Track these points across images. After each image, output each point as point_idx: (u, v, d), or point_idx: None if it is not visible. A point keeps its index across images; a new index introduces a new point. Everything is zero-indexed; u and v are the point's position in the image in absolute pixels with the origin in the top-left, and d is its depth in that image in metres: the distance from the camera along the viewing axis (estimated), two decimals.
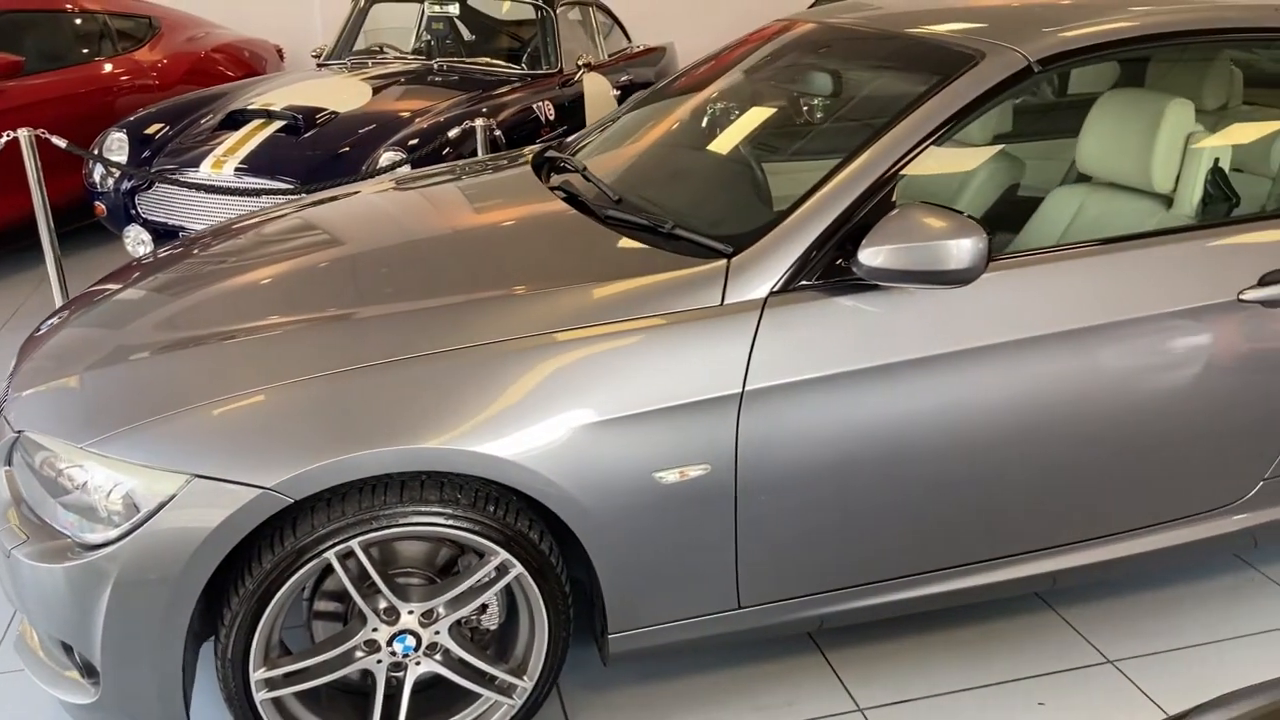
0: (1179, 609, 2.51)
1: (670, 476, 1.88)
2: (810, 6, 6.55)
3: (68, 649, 1.89)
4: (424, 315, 1.94)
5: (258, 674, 1.82)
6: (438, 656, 1.94)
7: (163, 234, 4.31)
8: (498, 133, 4.42)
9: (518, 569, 1.89)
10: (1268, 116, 2.78)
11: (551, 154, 2.88)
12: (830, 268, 1.97)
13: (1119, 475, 2.19)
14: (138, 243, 4.38)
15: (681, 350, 1.89)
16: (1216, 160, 2.37)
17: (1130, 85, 2.79)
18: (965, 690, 2.24)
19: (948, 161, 2.87)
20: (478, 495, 1.85)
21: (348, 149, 4.23)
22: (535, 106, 5.07)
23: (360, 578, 1.86)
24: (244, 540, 1.77)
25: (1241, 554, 2.70)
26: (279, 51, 7.23)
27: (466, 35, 6.13)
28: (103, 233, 5.08)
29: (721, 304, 1.94)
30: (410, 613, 1.89)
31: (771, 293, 1.95)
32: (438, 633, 1.92)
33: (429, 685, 2.01)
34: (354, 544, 1.79)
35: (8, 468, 1.95)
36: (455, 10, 5.81)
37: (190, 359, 1.92)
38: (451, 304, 1.96)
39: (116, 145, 4.53)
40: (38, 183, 4.05)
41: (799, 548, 2.03)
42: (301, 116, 4.37)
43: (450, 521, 1.82)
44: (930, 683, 2.27)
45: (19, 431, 1.91)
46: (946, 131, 2.05)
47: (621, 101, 5.32)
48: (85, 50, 5.71)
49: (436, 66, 5.46)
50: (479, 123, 4.11)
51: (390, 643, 1.90)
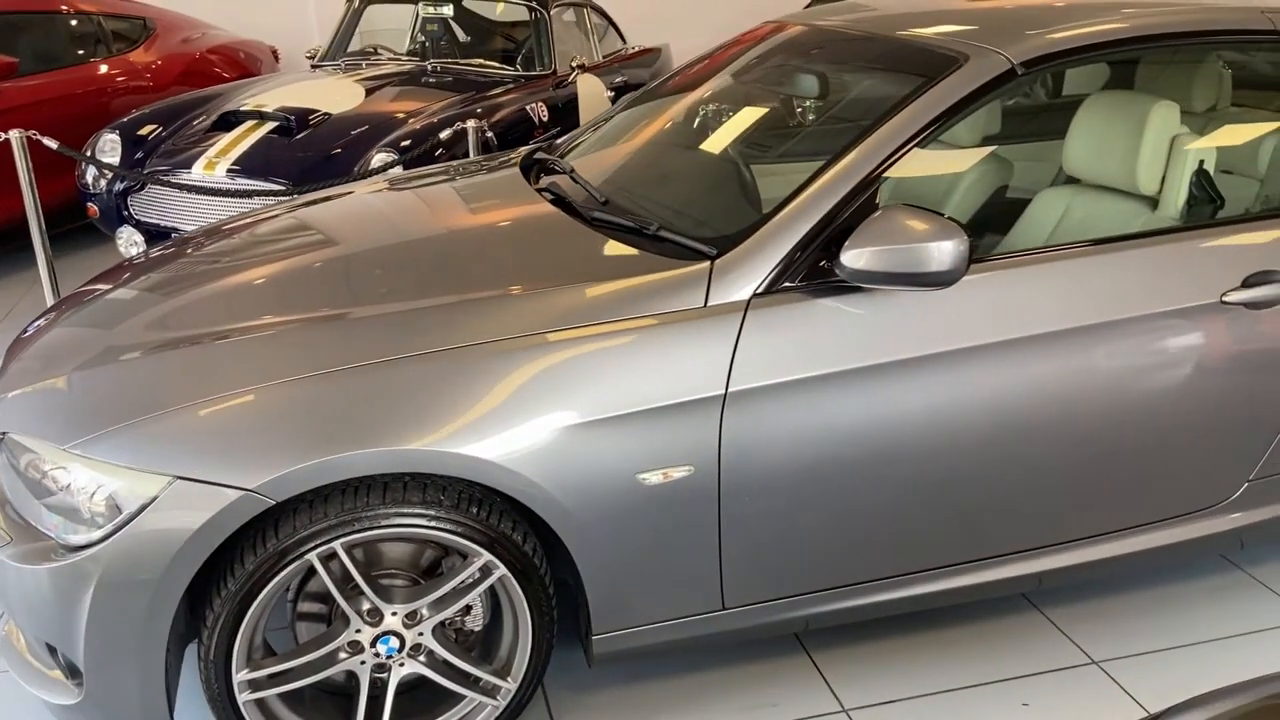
0: (1165, 610, 2.51)
1: (653, 478, 1.89)
2: (806, 7, 6.55)
3: (52, 650, 1.89)
4: (407, 317, 1.94)
5: (240, 675, 1.83)
6: (421, 658, 1.94)
7: (155, 235, 4.32)
8: (490, 134, 4.42)
9: (501, 570, 1.89)
10: (1256, 118, 2.78)
11: (540, 156, 2.88)
12: (814, 269, 1.98)
13: (1103, 476, 2.19)
14: (130, 244, 4.38)
15: (665, 352, 1.89)
16: (1201, 162, 2.38)
17: (1121, 87, 2.79)
18: (950, 691, 2.24)
19: (937, 163, 2.87)
20: (460, 497, 1.86)
21: (340, 150, 4.23)
22: (529, 108, 5.07)
23: (343, 579, 1.86)
24: (227, 541, 1.77)
25: (1228, 555, 2.70)
26: (274, 53, 7.24)
27: (461, 37, 6.13)
28: (96, 234, 5.08)
29: (705, 305, 1.94)
30: (394, 614, 1.89)
31: (755, 294, 1.95)
32: (421, 634, 1.92)
33: (414, 686, 2.02)
34: (337, 545, 1.79)
35: None
36: (449, 12, 5.81)
37: (179, 359, 1.92)
38: (434, 306, 1.96)
39: (109, 146, 4.53)
40: (29, 184, 4.06)
41: (783, 549, 2.04)
42: (294, 118, 4.38)
43: (433, 523, 1.82)
44: (915, 683, 2.27)
45: (3, 433, 1.92)
46: (930, 134, 2.05)
47: (616, 103, 5.32)
48: (80, 51, 5.71)
49: (430, 68, 5.47)
50: (471, 124, 4.12)
51: (374, 644, 1.90)
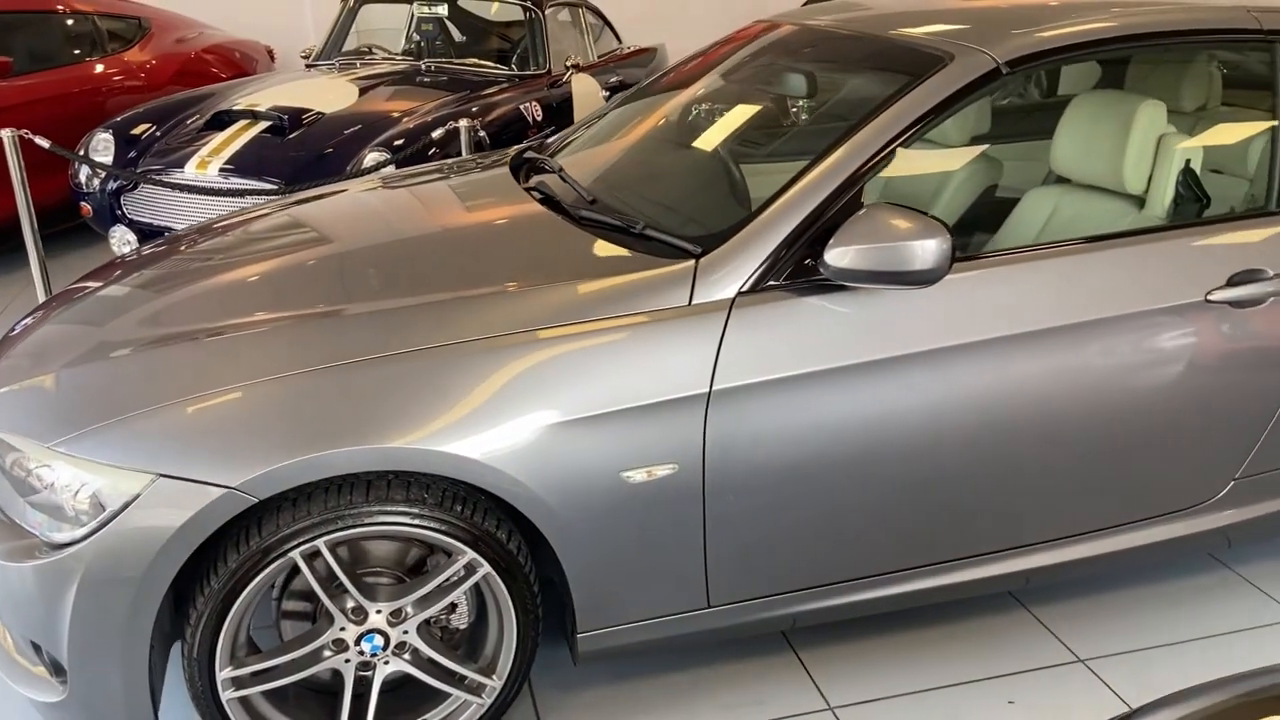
0: (1152, 608, 2.52)
1: (638, 476, 1.89)
2: (803, 5, 6.54)
3: (37, 648, 1.89)
4: (391, 316, 1.94)
5: (224, 673, 1.83)
6: (406, 656, 1.95)
7: (148, 234, 4.31)
8: (482, 133, 4.42)
9: (485, 568, 1.90)
10: (1245, 118, 2.78)
11: (530, 155, 2.88)
12: (799, 268, 1.98)
13: (1090, 474, 2.19)
14: (123, 243, 4.38)
15: (649, 350, 1.89)
16: (1188, 161, 2.38)
17: (1112, 87, 2.79)
18: (936, 689, 2.25)
19: (928, 163, 2.88)
20: (445, 495, 1.86)
21: (332, 149, 4.23)
22: (523, 107, 5.07)
23: (328, 577, 1.86)
24: (211, 539, 1.77)
25: (1215, 553, 2.71)
26: (270, 52, 7.24)
27: (456, 36, 6.13)
28: (89, 234, 5.08)
29: (689, 304, 1.94)
30: (378, 612, 1.90)
31: (740, 293, 1.96)
32: (406, 632, 1.92)
33: (399, 685, 2.02)
34: (320, 544, 1.79)
35: None
36: (444, 11, 5.81)
37: (166, 357, 1.92)
38: (418, 304, 1.96)
39: (102, 146, 4.53)
40: (21, 183, 4.06)
41: (768, 547, 2.04)
42: (287, 117, 4.38)
43: (416, 521, 1.83)
44: (902, 681, 2.27)
45: None
46: (915, 132, 2.05)
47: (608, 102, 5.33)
48: (74, 51, 5.71)
49: (424, 67, 5.46)
50: (463, 123, 4.12)
51: (358, 642, 1.90)
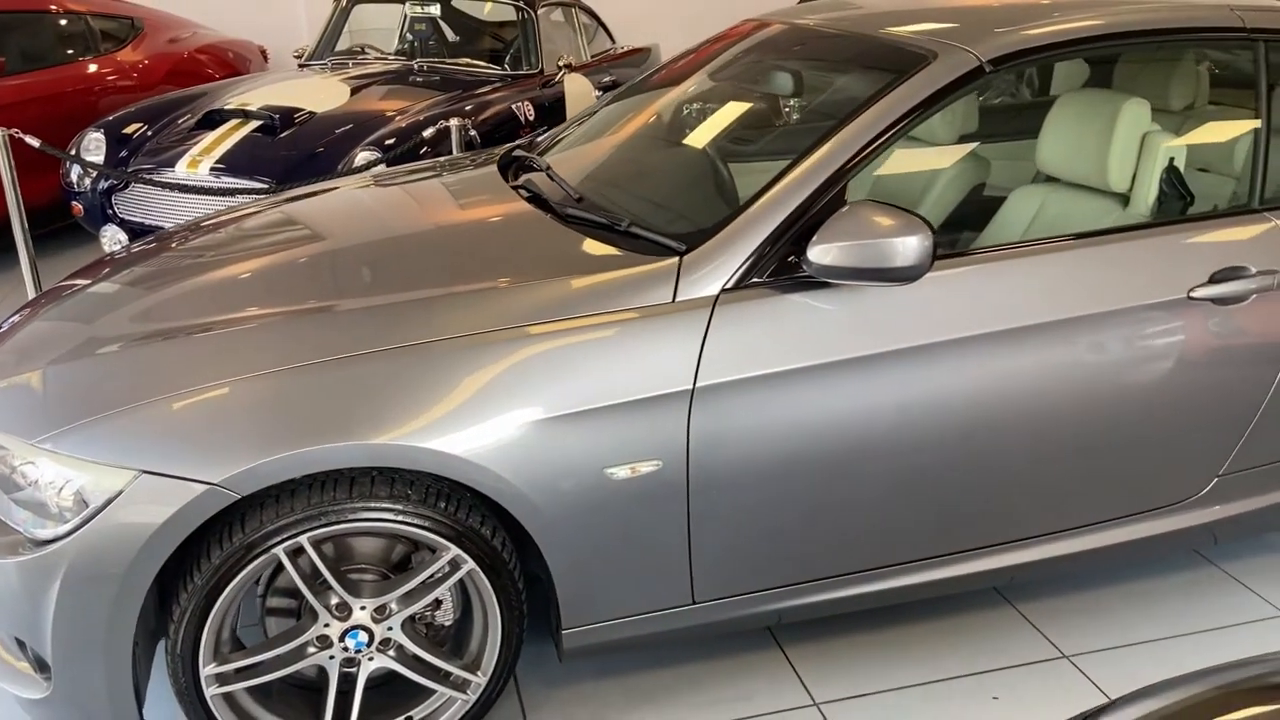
0: (1137, 604, 2.52)
1: (621, 472, 1.90)
2: (798, 4, 6.54)
3: (21, 644, 1.89)
4: (375, 313, 1.95)
5: (208, 669, 1.83)
6: (391, 652, 1.95)
7: (139, 234, 4.32)
8: (473, 132, 4.43)
9: (469, 565, 1.90)
10: (1232, 117, 2.80)
11: (519, 153, 2.89)
12: (783, 265, 1.99)
13: (1074, 471, 2.20)
14: (114, 242, 4.38)
15: (633, 347, 1.90)
16: (1172, 159, 2.39)
17: (1101, 86, 2.80)
18: (921, 685, 2.25)
19: (916, 161, 2.88)
20: (428, 491, 1.86)
21: (323, 149, 4.23)
22: (515, 107, 5.07)
23: (312, 574, 1.87)
24: (194, 535, 1.78)
25: (1201, 550, 2.72)
26: (263, 52, 7.24)
27: (449, 36, 6.14)
28: (80, 233, 5.08)
29: (673, 301, 1.95)
30: (362, 608, 1.90)
31: (724, 290, 1.96)
32: (390, 628, 1.93)
33: (385, 681, 2.02)
34: (303, 540, 1.79)
35: None
36: (436, 11, 5.82)
37: (150, 354, 1.92)
38: (402, 302, 1.97)
39: (94, 145, 4.53)
40: (11, 182, 4.06)
41: (752, 543, 2.05)
42: (278, 116, 4.38)
43: (400, 517, 1.83)
44: (887, 677, 2.28)
45: None
46: (898, 130, 2.06)
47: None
48: (68, 51, 5.71)
49: (417, 67, 5.47)
50: (454, 122, 4.12)
51: (342, 638, 1.91)
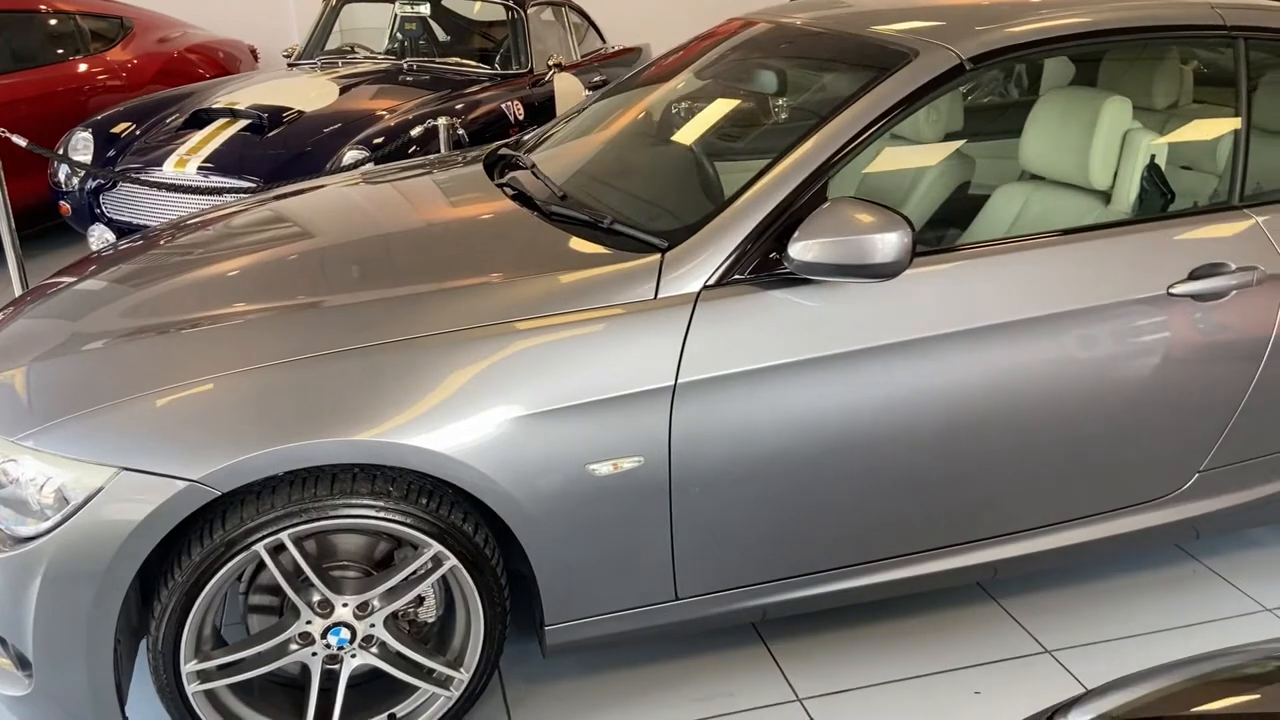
0: (1119, 600, 2.54)
1: (604, 469, 1.90)
2: (790, 1, 6.56)
3: (3, 641, 1.89)
4: (357, 310, 1.95)
5: (189, 666, 1.83)
6: (373, 649, 1.95)
7: (127, 233, 4.31)
8: (461, 131, 4.43)
9: (451, 561, 1.90)
10: (1215, 115, 2.81)
11: (505, 152, 2.89)
12: (764, 261, 2.00)
13: (1056, 466, 2.21)
14: (102, 242, 4.37)
15: (614, 343, 1.90)
16: (1153, 157, 2.40)
17: (1087, 85, 2.81)
18: (903, 680, 2.26)
19: (901, 160, 2.89)
20: (410, 488, 1.87)
21: (311, 147, 4.23)
22: (505, 106, 5.08)
23: (294, 571, 1.87)
24: (176, 532, 1.78)
25: (1183, 545, 2.73)
26: (253, 51, 7.23)
27: (439, 35, 6.14)
28: (68, 233, 5.07)
29: (655, 298, 1.96)
30: (344, 605, 1.90)
31: (705, 286, 1.97)
32: (373, 625, 1.93)
33: (370, 678, 2.03)
34: (284, 537, 1.80)
35: None
36: (426, 10, 5.81)
37: (132, 350, 1.92)
38: (384, 299, 1.97)
39: (82, 145, 4.52)
40: None
41: (735, 539, 2.05)
42: (266, 115, 4.38)
43: (381, 514, 1.83)
44: (870, 672, 2.29)
45: None
46: (880, 128, 2.07)
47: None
48: (56, 50, 5.69)
49: (406, 66, 5.47)
50: (441, 121, 4.12)
51: (324, 635, 1.91)
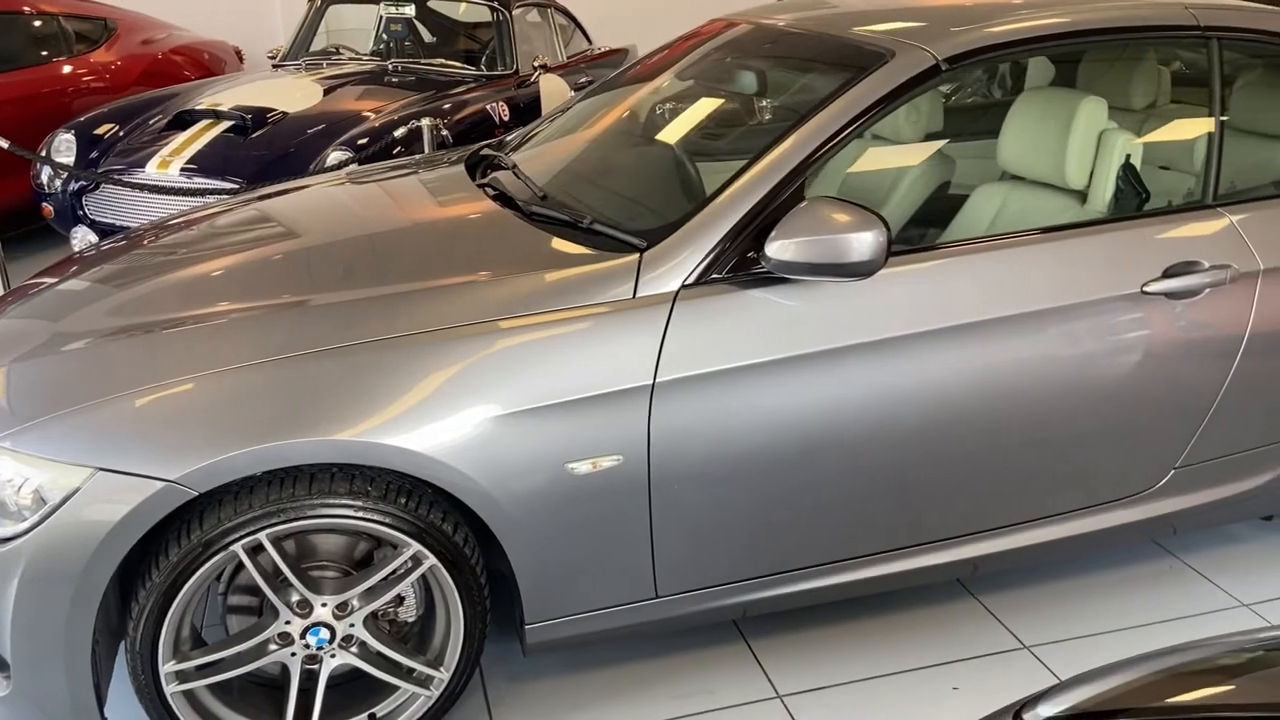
0: (1098, 596, 2.56)
1: (583, 467, 1.91)
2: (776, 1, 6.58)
3: None
4: (337, 310, 1.95)
5: (167, 666, 1.83)
6: (353, 649, 1.96)
7: (110, 235, 4.30)
8: (445, 132, 4.43)
9: (430, 561, 1.91)
10: (1192, 115, 2.83)
11: (486, 152, 2.90)
12: (742, 261, 2.01)
13: (1033, 463, 2.23)
14: (84, 244, 4.36)
15: (593, 342, 1.91)
16: (1128, 157, 2.42)
17: (1066, 86, 2.83)
18: (883, 676, 2.28)
19: (881, 160, 2.91)
20: (389, 487, 1.87)
21: (295, 148, 4.23)
22: (490, 107, 5.08)
23: (273, 571, 1.87)
24: (154, 532, 1.78)
25: (1161, 541, 2.76)
26: (238, 53, 7.21)
27: (425, 37, 6.14)
28: (51, 235, 5.05)
29: (634, 297, 1.96)
30: (324, 605, 1.90)
31: (684, 285, 1.98)
32: (352, 625, 1.93)
33: (349, 678, 2.03)
34: (262, 537, 1.80)
35: None
36: (411, 11, 5.81)
37: (113, 350, 1.92)
38: (363, 299, 1.98)
39: (64, 146, 4.51)
40: None
41: (715, 537, 2.06)
42: (250, 116, 4.37)
43: (360, 514, 1.84)
44: (850, 669, 2.30)
45: None
46: (856, 128, 2.08)
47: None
48: (40, 51, 5.67)
49: (391, 67, 5.46)
50: (425, 122, 4.13)
51: (304, 635, 1.91)
